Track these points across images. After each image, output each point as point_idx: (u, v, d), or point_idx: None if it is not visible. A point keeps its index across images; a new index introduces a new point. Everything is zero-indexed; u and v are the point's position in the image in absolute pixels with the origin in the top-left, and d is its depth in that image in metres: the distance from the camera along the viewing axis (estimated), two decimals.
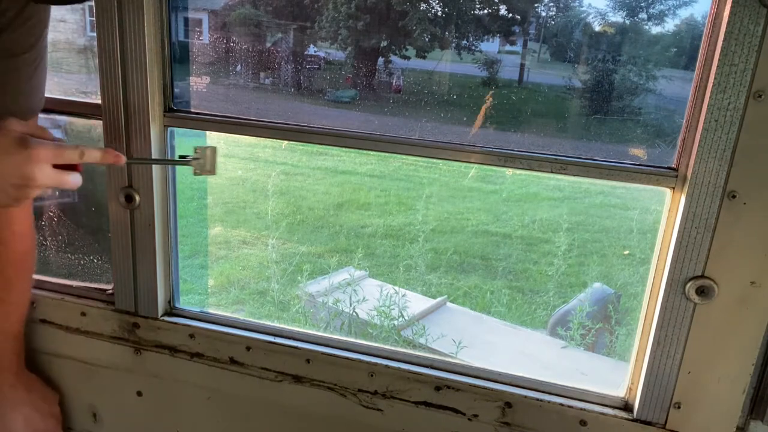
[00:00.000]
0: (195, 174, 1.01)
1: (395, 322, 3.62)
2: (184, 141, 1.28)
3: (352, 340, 1.22)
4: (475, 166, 1.06)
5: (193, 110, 1.20)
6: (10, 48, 0.97)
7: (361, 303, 3.72)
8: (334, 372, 1.20)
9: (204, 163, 1.01)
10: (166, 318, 1.27)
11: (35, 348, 1.36)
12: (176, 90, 1.19)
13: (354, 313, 3.70)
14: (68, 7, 1.47)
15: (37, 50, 1.01)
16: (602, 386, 1.11)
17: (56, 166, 0.83)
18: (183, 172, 1.29)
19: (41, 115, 1.19)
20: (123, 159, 0.92)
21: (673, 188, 0.97)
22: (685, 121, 0.94)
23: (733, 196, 0.91)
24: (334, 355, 1.19)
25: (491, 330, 3.76)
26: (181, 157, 1.01)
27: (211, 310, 1.29)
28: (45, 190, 0.86)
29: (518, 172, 1.05)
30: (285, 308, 4.31)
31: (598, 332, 3.48)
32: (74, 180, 0.86)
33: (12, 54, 0.97)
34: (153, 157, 1.06)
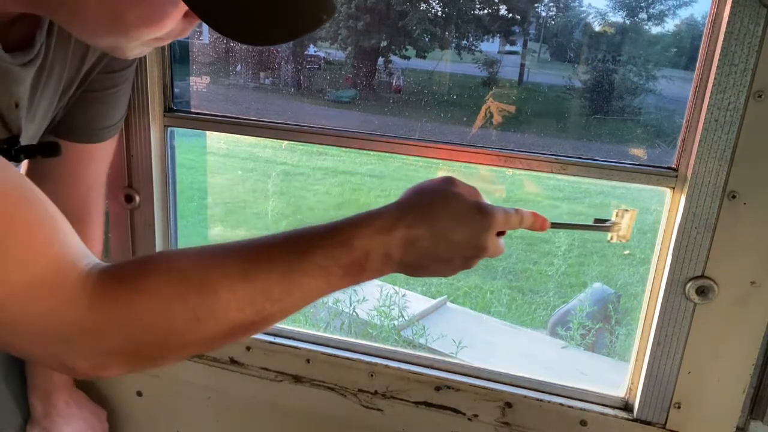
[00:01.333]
0: (609, 241, 0.94)
1: (395, 322, 3.62)
2: (185, 141, 1.28)
3: (352, 340, 1.22)
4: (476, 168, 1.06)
5: (193, 110, 1.20)
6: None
7: (361, 303, 3.72)
8: (334, 372, 1.20)
9: (622, 227, 0.94)
10: None
11: None
12: (176, 90, 1.19)
13: (354, 313, 3.69)
14: None
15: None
16: (602, 386, 1.11)
17: None
18: (183, 172, 1.29)
19: None
20: (548, 224, 0.83)
21: (673, 188, 0.97)
22: (685, 121, 0.94)
23: (733, 196, 0.91)
24: (334, 355, 1.19)
25: (491, 330, 3.76)
26: (598, 220, 0.94)
27: None
28: None
29: (518, 172, 1.05)
30: None
31: (598, 332, 3.48)
32: (503, 247, 0.77)
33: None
34: (573, 223, 0.98)
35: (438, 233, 0.68)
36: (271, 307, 0.63)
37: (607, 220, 0.93)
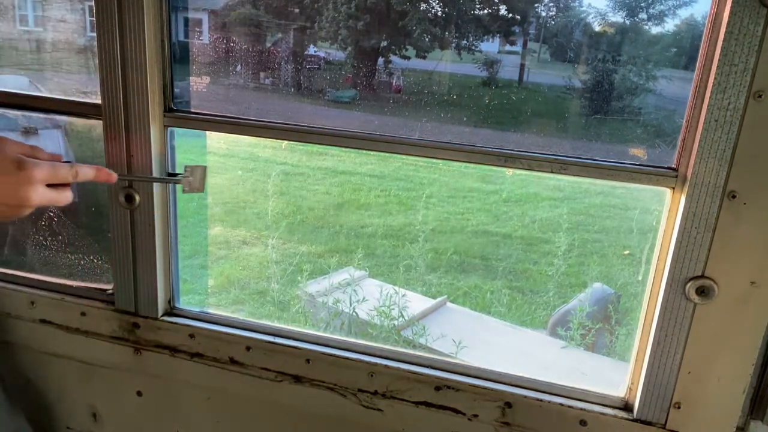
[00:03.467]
0: (184, 192, 1.04)
1: (395, 322, 3.62)
2: (185, 141, 1.28)
3: (352, 340, 1.22)
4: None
5: (193, 110, 1.20)
6: None
7: (361, 303, 3.72)
8: (334, 372, 1.20)
9: (193, 180, 1.04)
10: (166, 318, 1.27)
11: (35, 348, 1.37)
12: (176, 90, 1.19)
13: (354, 313, 3.69)
14: (68, 7, 1.47)
15: None
16: (602, 386, 1.11)
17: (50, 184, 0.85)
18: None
19: (41, 115, 1.19)
20: (115, 177, 0.94)
21: (673, 188, 0.97)
22: (685, 121, 0.94)
23: (733, 196, 0.91)
24: (334, 355, 1.19)
25: (491, 330, 3.76)
26: (170, 174, 1.04)
27: (211, 310, 1.29)
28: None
29: (518, 172, 1.05)
30: (285, 308, 4.31)
31: (598, 332, 3.48)
32: (67, 197, 0.88)
33: None
34: (145, 175, 1.08)
35: None
36: None
37: (179, 174, 1.02)
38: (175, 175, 1.04)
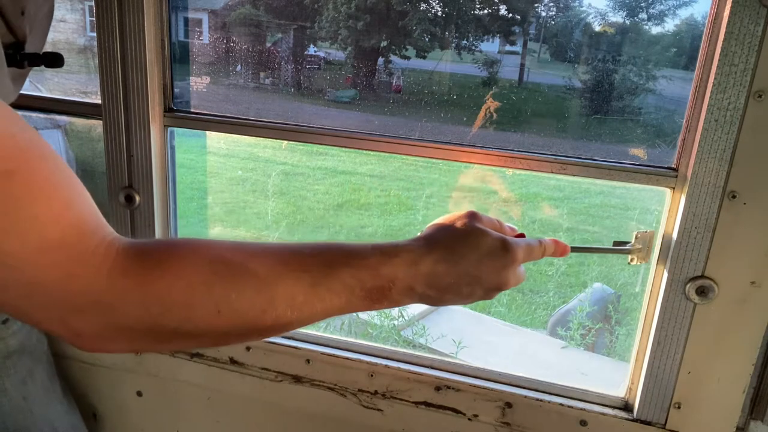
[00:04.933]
0: (630, 263, 0.95)
1: (395, 322, 3.62)
2: (185, 141, 1.28)
3: (352, 340, 1.22)
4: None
5: (193, 110, 1.20)
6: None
7: None
8: (334, 372, 1.20)
9: (642, 249, 0.95)
10: None
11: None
12: (176, 90, 1.19)
13: (354, 313, 3.69)
14: (68, 7, 1.47)
15: None
16: (602, 386, 1.11)
17: None
18: (182, 172, 1.29)
19: (41, 115, 1.19)
20: (569, 250, 0.84)
21: (673, 188, 0.97)
22: (685, 121, 0.94)
23: (733, 196, 0.91)
24: (334, 355, 1.19)
25: (491, 330, 3.76)
26: (617, 243, 0.95)
27: None
28: None
29: (518, 172, 1.05)
30: None
31: (598, 332, 3.48)
32: (524, 275, 0.79)
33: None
34: (593, 247, 0.99)
35: (462, 270, 0.69)
36: (291, 314, 0.62)
37: (627, 242, 0.94)
38: (624, 244, 0.95)
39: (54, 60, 0.88)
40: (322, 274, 0.63)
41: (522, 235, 0.80)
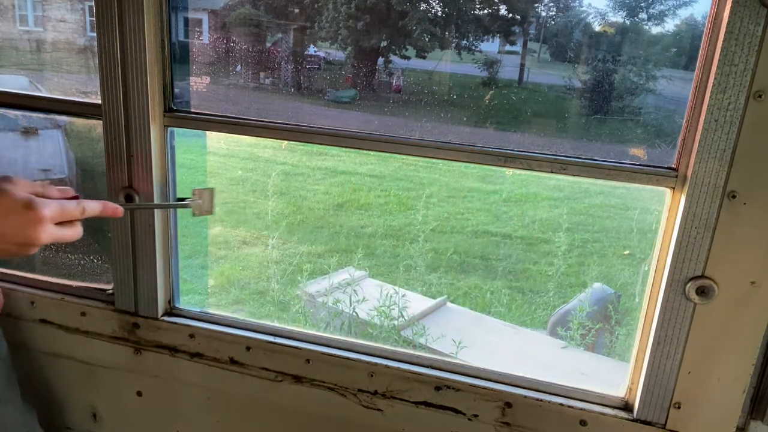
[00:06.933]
0: (194, 215, 1.04)
1: (395, 322, 3.62)
2: (185, 141, 1.28)
3: (352, 340, 1.22)
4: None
5: (193, 110, 1.20)
6: None
7: (361, 303, 3.72)
8: (334, 372, 1.20)
9: (202, 204, 1.04)
10: (166, 318, 1.27)
11: (35, 348, 1.36)
12: (176, 90, 1.19)
13: (354, 313, 3.69)
14: (68, 7, 1.47)
15: None
16: (602, 386, 1.11)
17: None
18: (182, 172, 1.29)
19: (41, 115, 1.19)
20: (121, 210, 0.94)
21: (673, 188, 0.97)
22: (685, 121, 0.94)
23: (733, 196, 0.91)
24: (334, 355, 1.19)
25: (491, 330, 3.76)
26: (179, 199, 1.05)
27: (211, 310, 1.29)
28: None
29: (518, 172, 1.05)
30: (285, 308, 4.30)
31: (598, 332, 3.48)
32: (76, 233, 0.88)
33: None
34: (152, 203, 1.08)
35: None
36: None
37: (187, 198, 1.01)
38: (184, 199, 1.04)
39: None
40: None
41: (77, 197, 0.89)
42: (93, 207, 0.90)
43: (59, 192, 0.88)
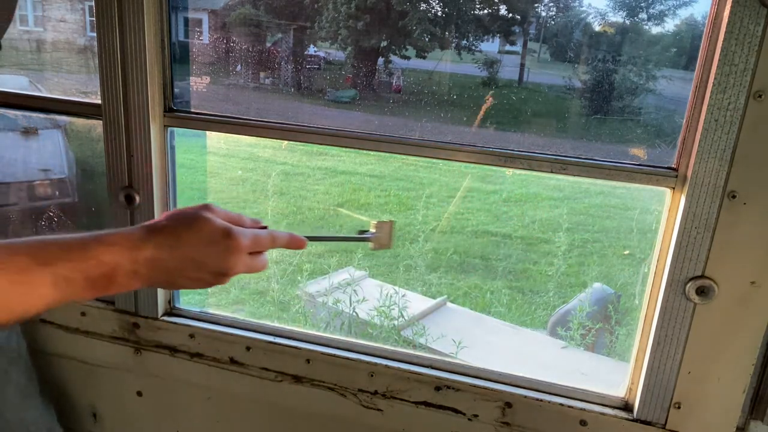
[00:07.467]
0: (371, 249, 0.99)
1: (395, 322, 3.62)
2: (185, 141, 1.28)
3: (352, 340, 1.22)
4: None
5: (193, 110, 1.20)
6: None
7: (361, 303, 3.72)
8: (334, 372, 1.20)
9: (381, 237, 0.98)
10: (166, 318, 1.27)
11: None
12: (176, 90, 1.19)
13: (354, 313, 3.69)
14: (68, 7, 1.47)
15: None
16: (602, 386, 1.11)
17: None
18: (182, 172, 1.29)
19: (41, 115, 1.19)
20: (305, 242, 0.90)
21: (673, 188, 0.97)
22: (685, 121, 0.94)
23: (733, 196, 0.91)
24: (334, 355, 1.19)
25: (491, 330, 3.76)
26: (360, 232, 0.99)
27: (211, 310, 1.29)
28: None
29: (518, 172, 1.05)
30: (285, 308, 4.30)
31: (598, 332, 3.48)
32: (264, 264, 0.86)
33: None
34: (333, 236, 1.03)
35: (184, 255, 0.75)
36: None
37: (367, 231, 0.98)
38: (365, 232, 0.99)
39: None
40: (24, 271, 0.66)
41: (266, 227, 0.87)
42: (281, 237, 0.88)
43: (251, 222, 0.87)
